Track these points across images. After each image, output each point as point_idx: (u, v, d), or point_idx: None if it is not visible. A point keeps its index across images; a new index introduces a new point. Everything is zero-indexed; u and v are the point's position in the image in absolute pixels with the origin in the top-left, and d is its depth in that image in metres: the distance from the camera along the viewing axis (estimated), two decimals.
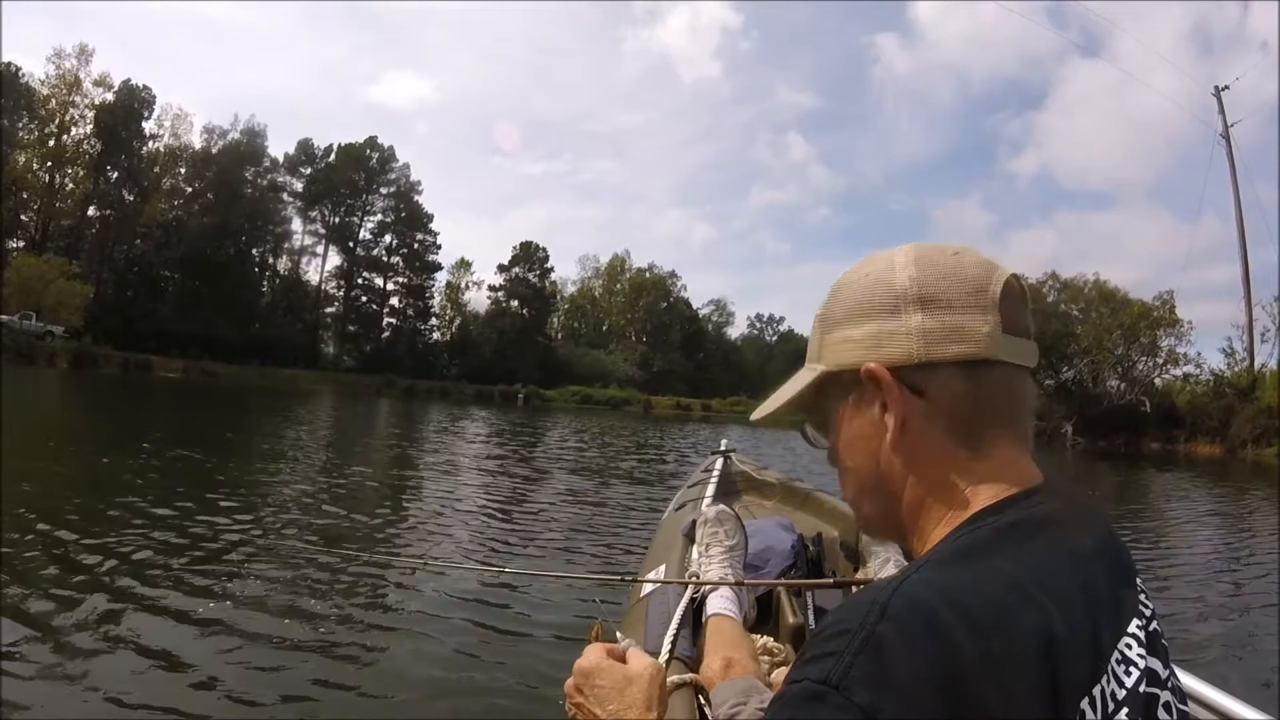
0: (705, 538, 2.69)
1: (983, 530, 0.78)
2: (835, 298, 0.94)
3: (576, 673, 1.26)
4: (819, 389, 0.95)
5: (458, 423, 28.23)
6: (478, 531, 7.90)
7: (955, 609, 0.66)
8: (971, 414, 0.85)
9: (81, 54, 64.97)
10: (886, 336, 0.87)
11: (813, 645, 0.70)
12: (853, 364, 0.89)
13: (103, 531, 6.24)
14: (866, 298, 0.90)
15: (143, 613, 4.56)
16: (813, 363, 0.96)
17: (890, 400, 0.85)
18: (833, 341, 0.92)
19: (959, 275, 0.88)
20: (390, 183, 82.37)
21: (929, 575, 0.71)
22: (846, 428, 0.92)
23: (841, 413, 0.93)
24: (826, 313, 0.95)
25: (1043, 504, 0.82)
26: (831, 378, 0.93)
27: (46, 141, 63.44)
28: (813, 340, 0.97)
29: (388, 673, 4.04)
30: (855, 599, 0.73)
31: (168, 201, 70.28)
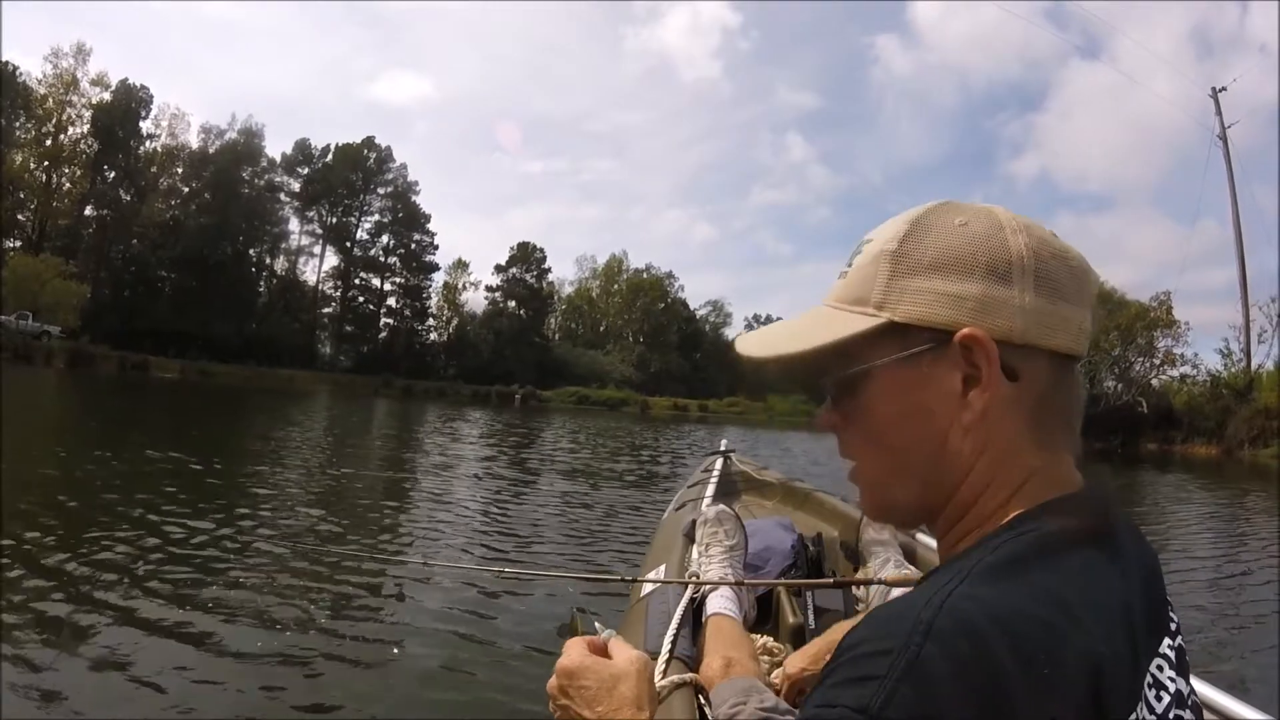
0: (705, 538, 2.69)
1: (1027, 537, 0.72)
2: (918, 237, 0.81)
3: (559, 673, 1.17)
4: (865, 340, 0.81)
5: (454, 424, 28.21)
6: (476, 532, 7.90)
7: (1003, 630, 0.61)
8: (1051, 410, 0.80)
9: (79, 53, 65.05)
10: (995, 304, 0.77)
11: (847, 662, 0.65)
12: (944, 322, 0.77)
13: (98, 533, 6.23)
14: (970, 252, 0.79)
15: (139, 614, 4.56)
16: (861, 304, 0.82)
17: (986, 376, 0.76)
18: (914, 288, 0.79)
19: (1067, 260, 0.81)
20: (388, 183, 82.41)
21: (975, 589, 0.66)
22: (900, 395, 0.80)
23: (893, 376, 0.80)
24: (904, 251, 0.81)
25: (1086, 511, 0.76)
26: (896, 331, 0.80)
27: (43, 141, 63.44)
28: (864, 276, 0.83)
29: (385, 673, 4.04)
30: (892, 611, 0.68)
31: (165, 201, 70.30)
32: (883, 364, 0.80)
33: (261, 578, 5.50)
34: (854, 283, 0.84)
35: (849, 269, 0.85)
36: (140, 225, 67.53)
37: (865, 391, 0.82)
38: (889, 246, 0.82)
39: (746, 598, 2.53)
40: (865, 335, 0.80)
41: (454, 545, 7.23)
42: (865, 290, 0.82)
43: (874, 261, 0.82)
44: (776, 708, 1.70)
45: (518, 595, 5.43)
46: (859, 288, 0.83)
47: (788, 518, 3.54)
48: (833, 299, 0.86)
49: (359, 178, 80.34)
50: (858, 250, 0.86)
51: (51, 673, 3.68)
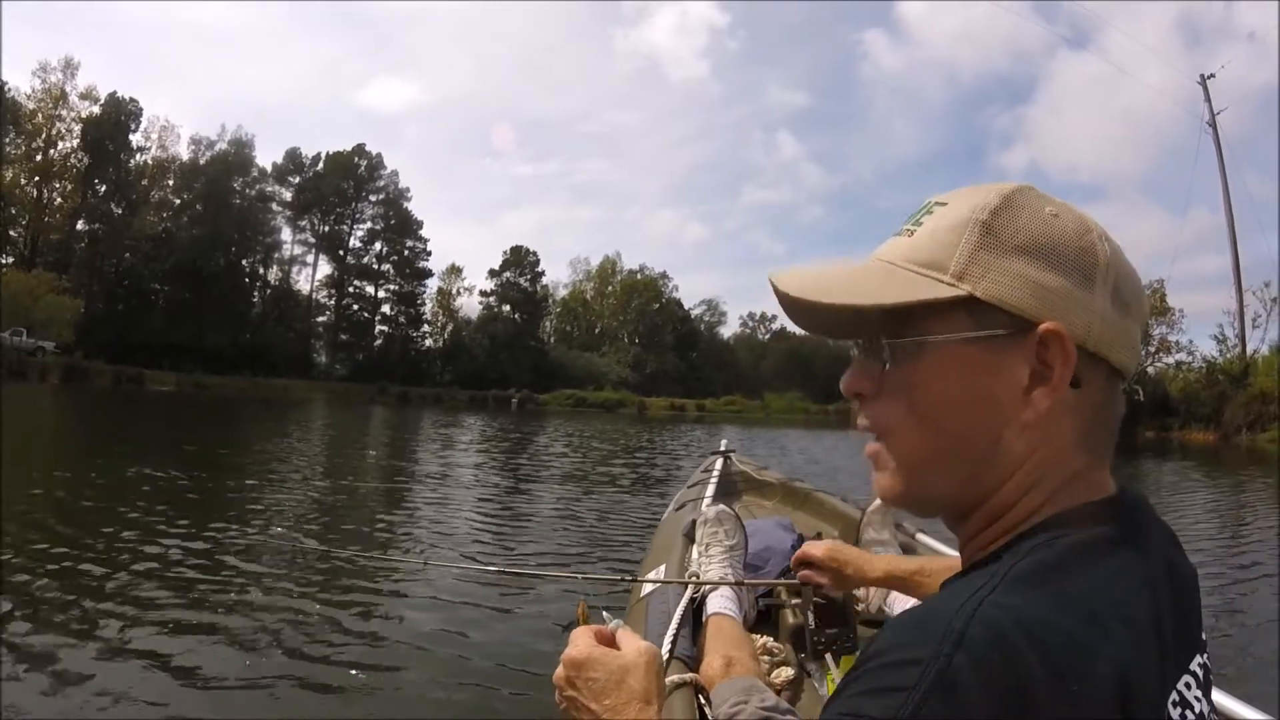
0: (705, 537, 2.69)
1: (1060, 544, 0.69)
2: (1010, 215, 0.76)
3: (566, 664, 1.14)
4: (934, 308, 0.75)
5: (452, 430, 28.19)
6: (476, 535, 7.89)
7: (1034, 642, 0.59)
8: (1101, 423, 0.77)
9: (67, 67, 65.08)
10: (1076, 304, 0.74)
11: (873, 670, 0.63)
12: (1026, 310, 0.73)
13: (97, 543, 6.22)
14: (1061, 244, 0.75)
15: (138, 617, 4.55)
16: (936, 270, 0.76)
17: (1057, 375, 0.73)
18: (1000, 267, 0.74)
19: (1133, 278, 0.78)
20: (379, 190, 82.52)
21: (1007, 598, 0.63)
22: (964, 377, 0.75)
23: (959, 355, 0.75)
24: (995, 224, 0.76)
25: (1120, 518, 0.74)
26: (972, 306, 0.74)
27: (33, 156, 63.39)
28: (942, 241, 0.77)
29: (385, 673, 4.04)
30: (920, 617, 0.66)
31: (156, 214, 70.36)
32: (952, 339, 0.75)
33: (260, 582, 5.49)
34: (926, 245, 0.78)
35: (916, 228, 0.80)
36: (132, 238, 67.49)
37: (921, 364, 0.76)
38: (979, 215, 0.76)
39: (746, 598, 2.53)
40: (933, 304, 0.75)
41: (454, 547, 7.22)
42: (942, 256, 0.76)
43: (957, 228, 0.77)
44: (777, 707, 1.69)
45: (517, 596, 5.42)
46: (934, 252, 0.77)
47: (788, 518, 3.55)
48: (896, 257, 0.80)
49: (350, 186, 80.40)
50: (926, 210, 0.81)
51: (51, 675, 3.67)
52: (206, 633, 4.43)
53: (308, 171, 79.77)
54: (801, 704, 2.10)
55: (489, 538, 7.79)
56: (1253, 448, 31.43)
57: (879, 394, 0.80)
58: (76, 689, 3.59)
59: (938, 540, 3.25)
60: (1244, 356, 41.53)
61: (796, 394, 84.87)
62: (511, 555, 6.98)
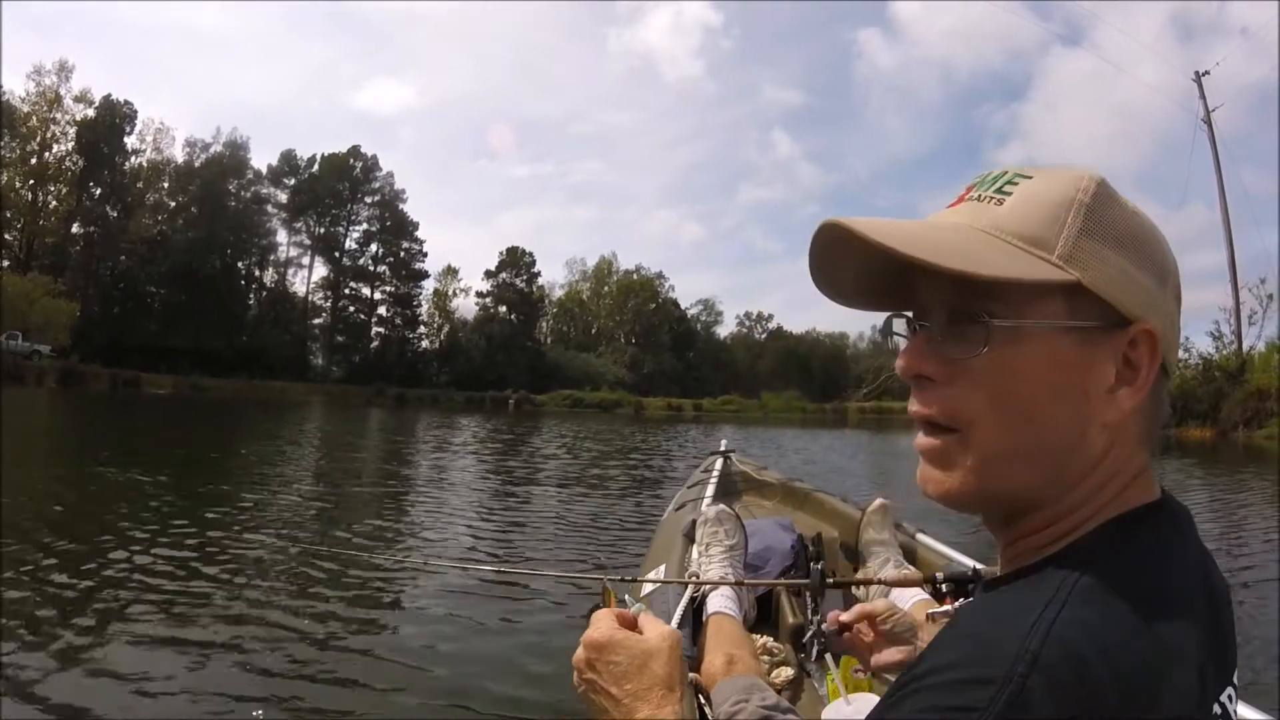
0: (705, 537, 2.69)
1: (1127, 556, 0.68)
2: (1107, 202, 0.73)
3: (588, 645, 1.09)
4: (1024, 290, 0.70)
5: (449, 431, 28.14)
6: (475, 535, 7.88)
7: (1108, 663, 0.58)
8: (1158, 421, 0.75)
9: (61, 70, 65.01)
10: (1157, 304, 0.72)
11: (940, 687, 0.60)
12: (1126, 306, 0.70)
13: (92, 547, 6.19)
14: (1146, 242, 0.73)
15: (136, 619, 4.55)
16: (1041, 249, 0.71)
17: (1143, 375, 0.71)
18: (1102, 256, 0.70)
19: (1180, 285, 0.77)
20: (374, 191, 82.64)
21: (1080, 614, 0.61)
22: (1055, 366, 0.70)
23: (1055, 343, 0.70)
24: (1096, 209, 0.72)
25: (1174, 527, 0.73)
26: (1071, 295, 0.70)
27: (28, 159, 63.30)
28: (1045, 216, 0.72)
29: (385, 673, 4.03)
30: (989, 631, 0.63)
31: (152, 216, 70.36)
32: (1054, 326, 0.70)
33: (258, 582, 5.49)
34: (1024, 218, 0.72)
35: (1003, 197, 0.74)
36: (128, 241, 67.49)
37: (1013, 350, 0.70)
38: (1083, 197, 0.72)
39: (746, 598, 2.54)
40: (1035, 285, 0.69)
41: (453, 548, 7.22)
42: (1047, 234, 0.71)
43: (1060, 205, 0.72)
44: (778, 706, 1.69)
45: (516, 596, 5.41)
46: (1036, 227, 0.71)
47: (788, 518, 3.55)
48: (987, 225, 0.73)
49: (346, 187, 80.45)
50: (1008, 179, 0.75)
51: (48, 677, 3.66)
52: (204, 634, 4.41)
53: (303, 173, 79.85)
54: (801, 704, 2.10)
55: (487, 539, 7.78)
56: (1249, 444, 31.40)
57: (951, 379, 0.73)
58: (72, 690, 3.59)
59: (938, 540, 3.25)
60: (1240, 353, 41.52)
61: (793, 393, 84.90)
62: (510, 556, 6.96)
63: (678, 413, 72.96)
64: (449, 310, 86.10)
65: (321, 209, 79.38)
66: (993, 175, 0.77)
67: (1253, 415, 35.87)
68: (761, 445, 22.97)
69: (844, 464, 19.01)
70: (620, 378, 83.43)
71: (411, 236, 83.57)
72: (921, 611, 2.28)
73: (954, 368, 0.72)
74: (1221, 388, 38.36)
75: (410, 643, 4.50)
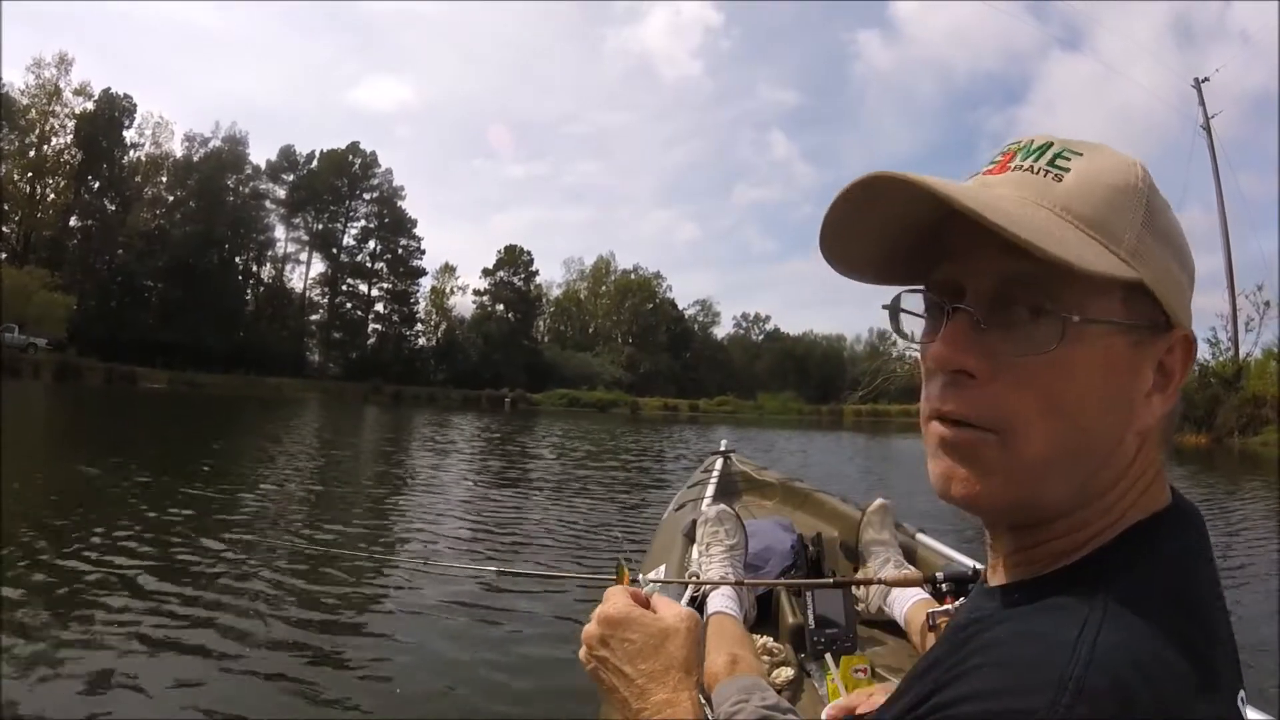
0: (705, 537, 2.70)
1: (1152, 565, 0.65)
2: (1156, 195, 0.69)
3: (602, 620, 1.03)
4: (1090, 283, 0.64)
5: (446, 429, 28.17)
6: (474, 535, 7.89)
7: (1151, 684, 0.55)
8: (1174, 421, 0.72)
9: (61, 63, 64.88)
10: (1188, 307, 0.69)
11: (974, 716, 0.57)
12: (1174, 310, 0.67)
13: (86, 544, 6.20)
14: (1182, 242, 0.70)
15: (133, 619, 4.54)
16: (1111, 240, 0.66)
17: (1175, 382, 0.68)
18: (1160, 254, 0.67)
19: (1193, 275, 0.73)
20: (373, 188, 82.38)
21: (1118, 634, 0.58)
22: (1108, 370, 0.66)
23: (1107, 344, 0.65)
24: (1153, 201, 0.68)
25: (1193, 532, 0.70)
26: (1129, 293, 0.66)
27: (27, 152, 63.16)
28: (1112, 204, 0.67)
29: (384, 673, 4.05)
30: (1028, 655, 0.59)
31: (150, 211, 70.21)
32: (1113, 325, 0.65)
33: (255, 584, 5.48)
34: (1094, 202, 0.66)
35: (1061, 172, 0.68)
36: (125, 235, 67.37)
37: (1077, 349, 0.65)
38: (1141, 185, 0.68)
39: (747, 598, 2.54)
40: (1096, 279, 0.63)
41: (451, 548, 7.22)
42: (1118, 223, 0.66)
43: (1124, 193, 0.67)
44: (778, 706, 1.69)
45: (516, 596, 5.41)
46: (1107, 215, 0.66)
47: (788, 518, 3.55)
48: (1050, 203, 0.67)
49: (344, 184, 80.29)
50: (1059, 153, 0.70)
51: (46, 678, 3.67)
52: (201, 634, 4.42)
53: (302, 169, 79.69)
54: (801, 704, 2.10)
55: (486, 539, 7.78)
56: (1245, 450, 31.52)
57: (995, 375, 0.66)
58: (66, 690, 3.59)
59: (938, 540, 3.25)
60: (1237, 360, 41.60)
61: (790, 394, 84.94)
62: (509, 556, 6.96)
63: (674, 413, 72.98)
64: (446, 308, 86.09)
65: (320, 205, 79.23)
66: (1037, 145, 0.71)
67: (1249, 422, 35.97)
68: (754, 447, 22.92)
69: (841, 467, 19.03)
70: (617, 377, 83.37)
71: (409, 234, 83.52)
72: (922, 611, 2.30)
73: (998, 362, 0.66)
74: (1217, 394, 38.40)
75: (408, 642, 4.52)
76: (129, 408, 30.33)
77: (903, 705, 0.65)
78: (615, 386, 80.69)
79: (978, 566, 2.52)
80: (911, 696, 0.64)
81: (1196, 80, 47.41)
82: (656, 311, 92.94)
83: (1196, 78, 47.42)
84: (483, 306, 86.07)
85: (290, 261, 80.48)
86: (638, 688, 0.98)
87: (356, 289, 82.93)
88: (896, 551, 2.89)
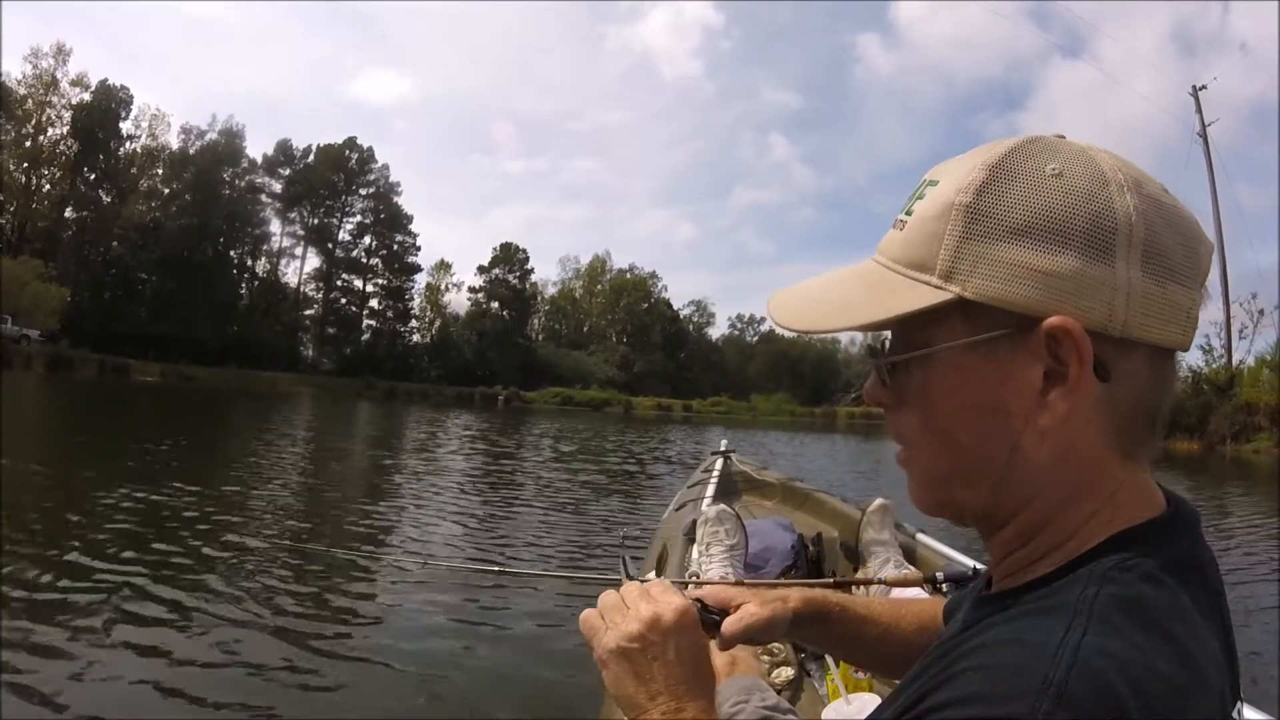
0: (705, 537, 2.70)
1: (1140, 575, 0.62)
2: (1000, 189, 0.67)
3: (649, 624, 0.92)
4: (927, 316, 0.68)
5: (439, 427, 28.14)
6: (472, 536, 7.89)
7: (1138, 693, 0.54)
8: (1144, 414, 0.69)
9: (59, 53, 64.56)
10: (1091, 285, 0.64)
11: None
12: (1027, 305, 0.64)
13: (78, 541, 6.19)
14: (1065, 214, 0.65)
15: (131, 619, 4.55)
16: (923, 270, 0.69)
17: (1073, 373, 0.64)
18: (991, 258, 0.65)
19: (1179, 226, 0.67)
20: (369, 184, 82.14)
21: (1105, 641, 0.57)
22: (969, 386, 0.68)
23: (961, 362, 0.68)
24: (981, 206, 0.67)
25: (1185, 539, 0.68)
26: (968, 308, 0.67)
27: (23, 142, 62.91)
28: (927, 232, 0.69)
29: (383, 673, 4.04)
30: (1009, 661, 0.58)
31: (145, 203, 69.84)
32: (948, 348, 0.68)
33: (249, 584, 5.47)
34: (914, 240, 0.70)
35: (907, 218, 0.72)
36: (120, 227, 67.12)
37: (926, 375, 0.70)
38: (962, 198, 0.67)
39: None
40: (928, 311, 0.67)
41: (449, 548, 7.21)
42: (928, 253, 0.68)
43: (940, 216, 0.68)
44: (778, 706, 1.69)
45: (515, 596, 5.41)
46: (920, 247, 0.69)
47: (788, 518, 3.56)
48: (887, 256, 0.73)
49: (341, 179, 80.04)
50: (919, 193, 0.72)
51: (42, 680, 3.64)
52: (197, 634, 4.43)
53: (298, 163, 79.40)
54: (801, 704, 2.11)
55: (485, 538, 7.78)
56: (1237, 457, 31.66)
57: (897, 405, 0.74)
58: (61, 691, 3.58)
59: (938, 540, 3.26)
60: (1230, 367, 41.76)
61: (783, 395, 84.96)
62: (511, 555, 6.95)
63: (667, 413, 72.91)
64: (441, 305, 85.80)
65: (316, 200, 78.99)
66: (924, 180, 0.73)
67: (1241, 429, 36.13)
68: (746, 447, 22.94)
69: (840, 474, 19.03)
70: (611, 377, 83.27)
71: (405, 230, 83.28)
72: None
73: (898, 393, 0.73)
74: (1210, 401, 38.55)
75: (406, 642, 4.52)
76: (120, 401, 30.21)
77: (896, 707, 0.64)
78: (609, 386, 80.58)
79: (978, 566, 2.53)
80: (904, 699, 0.64)
81: (1194, 88, 47.63)
82: (651, 311, 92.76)
83: (1194, 85, 47.66)
84: (477, 304, 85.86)
85: (285, 256, 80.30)
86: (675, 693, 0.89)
87: (351, 284, 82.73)
88: (896, 551, 2.90)
